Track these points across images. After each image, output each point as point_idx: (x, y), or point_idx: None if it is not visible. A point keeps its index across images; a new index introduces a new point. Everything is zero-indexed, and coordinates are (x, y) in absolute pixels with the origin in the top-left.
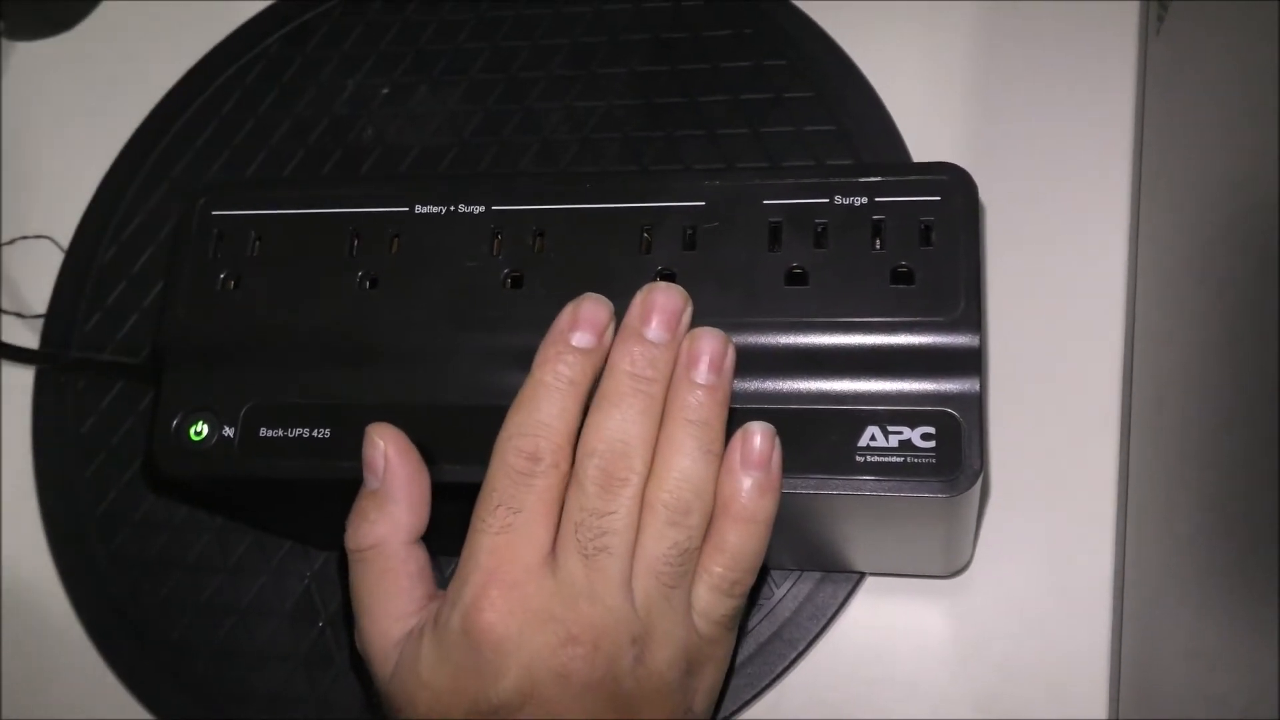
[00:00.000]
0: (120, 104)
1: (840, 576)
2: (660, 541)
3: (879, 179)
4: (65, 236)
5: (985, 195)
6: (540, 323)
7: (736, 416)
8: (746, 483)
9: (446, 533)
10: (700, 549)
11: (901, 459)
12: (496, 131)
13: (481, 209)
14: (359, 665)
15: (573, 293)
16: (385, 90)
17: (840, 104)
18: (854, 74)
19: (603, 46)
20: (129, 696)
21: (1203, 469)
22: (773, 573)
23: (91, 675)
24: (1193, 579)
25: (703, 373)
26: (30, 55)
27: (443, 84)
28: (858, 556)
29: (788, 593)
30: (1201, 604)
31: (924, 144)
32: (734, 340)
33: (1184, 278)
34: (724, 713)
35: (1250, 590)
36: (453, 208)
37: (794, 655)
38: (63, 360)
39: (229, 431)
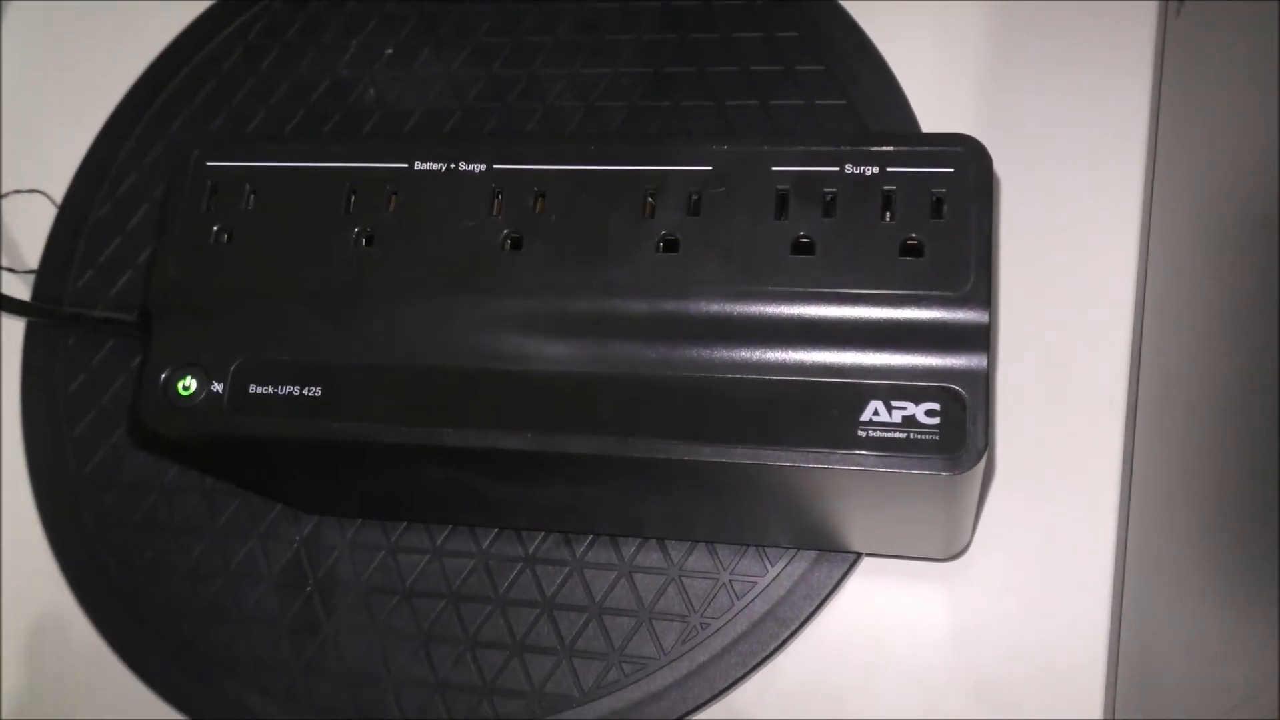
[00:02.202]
0: (117, 58)
1: (836, 556)
2: None
3: (891, 149)
4: (59, 191)
5: (997, 171)
6: (538, 285)
7: (738, 387)
8: None
9: (439, 500)
10: None
11: (904, 435)
12: (500, 96)
13: (482, 167)
14: (346, 631)
15: (572, 255)
16: (389, 51)
17: (852, 78)
18: (867, 48)
19: (611, 13)
20: (113, 657)
21: (1209, 458)
22: (767, 551)
23: (76, 635)
24: (1194, 569)
25: None
26: (26, 7)
27: (447, 46)
28: (855, 536)
29: (782, 571)
30: (1203, 595)
31: (936, 121)
32: (737, 309)
33: (1196, 261)
34: (713, 690)
35: (1253, 582)
36: (453, 165)
37: (786, 634)
38: (59, 314)
39: (218, 388)
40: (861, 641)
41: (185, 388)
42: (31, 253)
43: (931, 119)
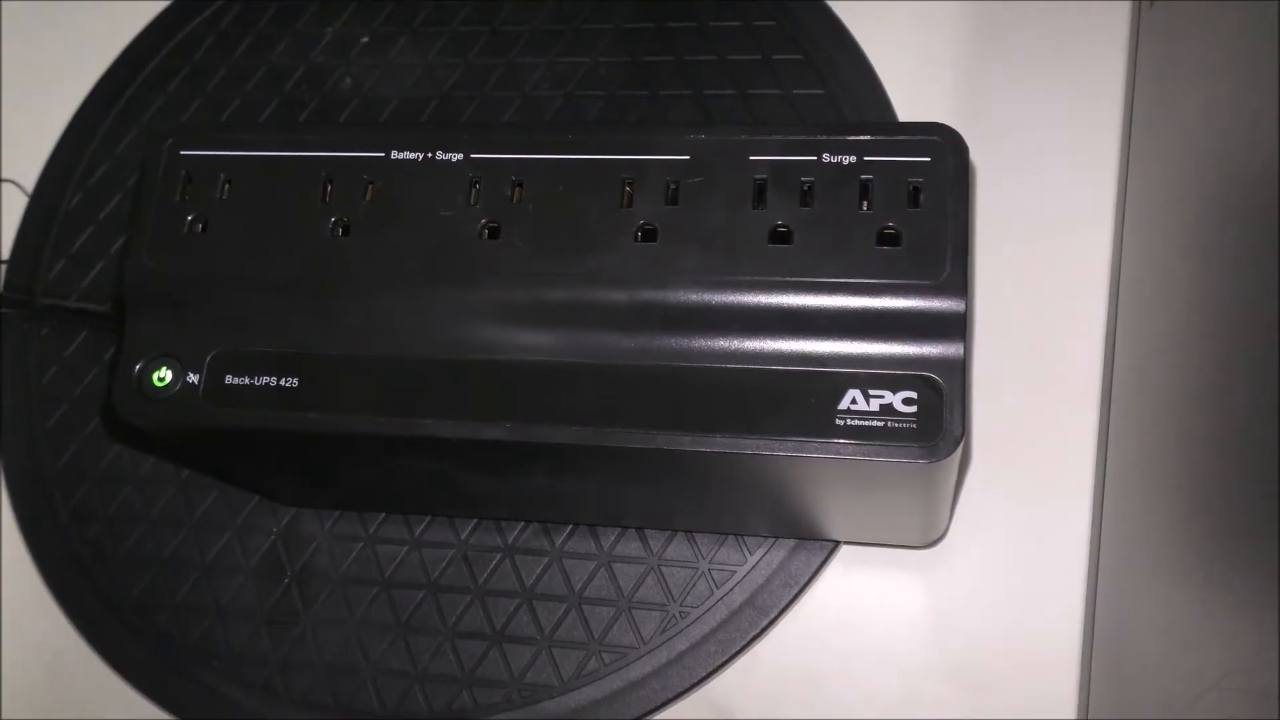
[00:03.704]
0: (89, 45)
1: (814, 545)
2: None
3: (868, 138)
4: (30, 181)
5: (972, 160)
6: (517, 275)
7: (716, 376)
8: None
9: (417, 490)
10: None
11: (882, 423)
12: (478, 86)
13: (459, 157)
14: (324, 623)
15: (551, 245)
16: (364, 39)
17: (830, 68)
18: (844, 38)
19: (588, 2)
20: (90, 651)
21: (1182, 442)
22: (745, 540)
23: (51, 630)
24: (1168, 552)
25: None
26: None
27: (423, 35)
28: (833, 524)
29: (760, 560)
30: (1176, 578)
31: (914, 110)
32: (715, 298)
33: (1170, 249)
34: (693, 678)
35: (1227, 565)
36: (430, 155)
37: (765, 623)
38: (31, 305)
39: (194, 378)
40: (840, 629)
41: (160, 379)
42: (2, 243)
43: (908, 108)
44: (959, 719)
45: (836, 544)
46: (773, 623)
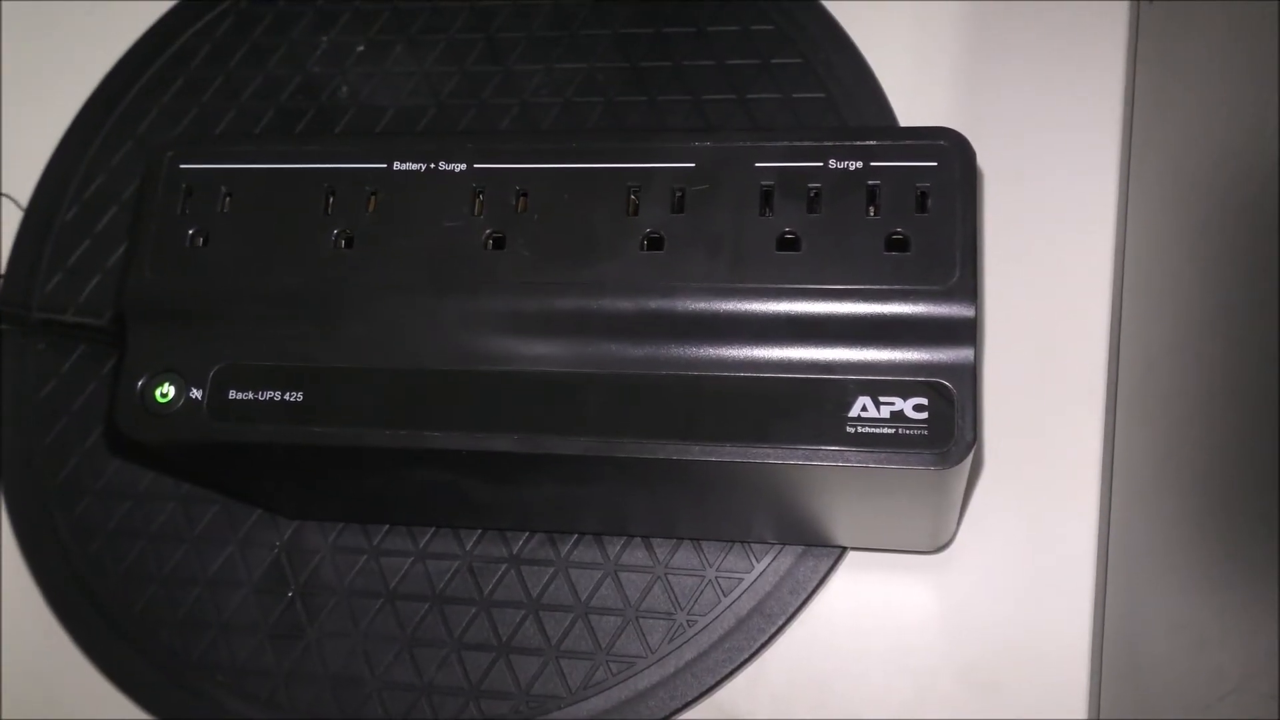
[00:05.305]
0: (82, 57)
1: (822, 551)
2: None
3: (874, 143)
4: (24, 195)
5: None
6: (522, 285)
7: (725, 384)
8: None
9: (422, 502)
10: None
11: (893, 430)
12: (475, 93)
13: (462, 167)
14: (329, 636)
15: (556, 254)
16: (360, 48)
17: (829, 71)
18: (843, 41)
19: (585, 7)
20: (91, 668)
21: (1191, 442)
22: (752, 547)
23: (52, 647)
24: (1179, 552)
25: None
26: None
27: (420, 43)
28: (841, 530)
29: (768, 567)
30: (1189, 577)
31: (913, 113)
32: (723, 306)
33: (1174, 250)
34: (701, 687)
35: (1242, 565)
36: (433, 165)
37: (774, 630)
38: (27, 319)
39: (197, 394)
40: (848, 635)
41: (163, 394)
42: None
43: (908, 111)
44: None
45: (843, 550)
46: (781, 629)
